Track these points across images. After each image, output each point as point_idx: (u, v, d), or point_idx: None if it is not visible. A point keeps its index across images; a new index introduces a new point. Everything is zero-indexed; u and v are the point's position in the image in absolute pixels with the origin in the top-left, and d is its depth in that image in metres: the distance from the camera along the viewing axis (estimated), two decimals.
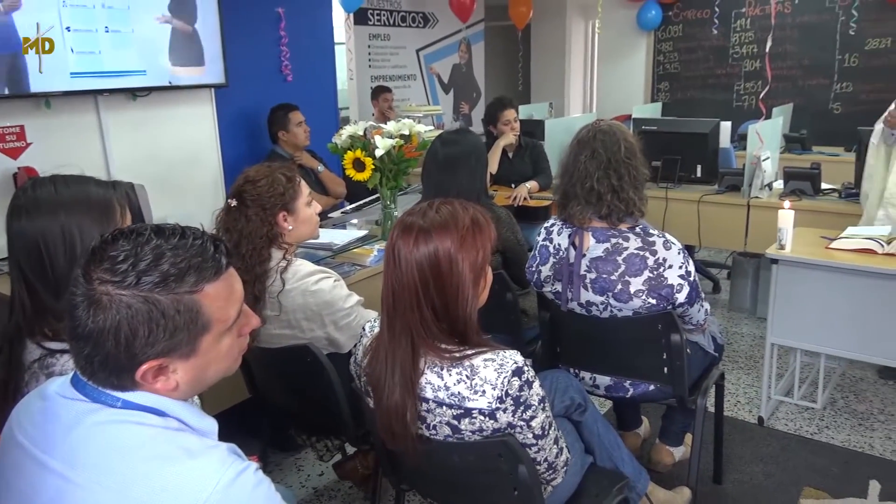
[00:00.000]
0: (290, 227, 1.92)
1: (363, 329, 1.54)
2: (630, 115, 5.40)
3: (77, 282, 0.87)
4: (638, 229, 1.98)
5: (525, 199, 3.85)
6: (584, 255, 2.00)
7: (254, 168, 1.96)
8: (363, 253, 2.75)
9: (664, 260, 1.93)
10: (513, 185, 3.98)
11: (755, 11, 6.19)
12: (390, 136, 2.86)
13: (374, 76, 6.15)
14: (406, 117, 3.26)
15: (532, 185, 3.93)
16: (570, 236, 2.04)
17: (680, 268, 1.93)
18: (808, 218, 3.25)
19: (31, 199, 1.31)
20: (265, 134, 3.83)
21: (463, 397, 1.34)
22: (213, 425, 0.94)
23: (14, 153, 2.89)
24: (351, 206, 3.78)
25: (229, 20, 3.51)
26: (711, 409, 2.40)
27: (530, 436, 1.38)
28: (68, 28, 2.85)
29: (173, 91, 3.40)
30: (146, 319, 0.85)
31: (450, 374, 1.35)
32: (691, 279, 1.96)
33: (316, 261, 2.60)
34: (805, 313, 2.64)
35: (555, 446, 1.46)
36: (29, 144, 2.92)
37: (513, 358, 1.34)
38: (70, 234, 1.28)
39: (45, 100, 2.92)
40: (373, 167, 2.83)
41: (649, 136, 4.06)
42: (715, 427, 2.44)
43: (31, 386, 1.22)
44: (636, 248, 1.94)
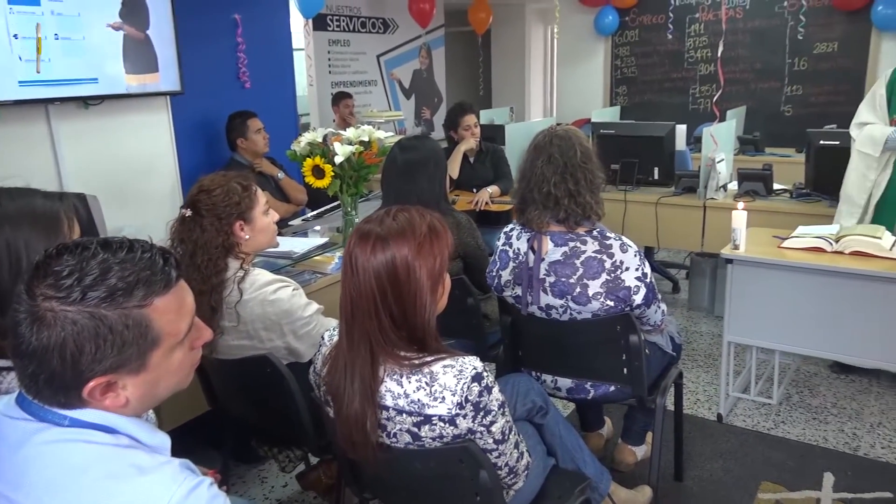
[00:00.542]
0: (246, 236, 1.90)
1: (322, 338, 1.53)
2: (589, 119, 5.48)
3: (20, 298, 0.85)
4: (595, 233, 2.01)
5: (487, 203, 3.87)
6: (543, 259, 2.02)
7: (208, 177, 1.93)
8: (324, 261, 2.74)
9: (621, 262, 1.96)
10: (474, 190, 4.00)
11: (708, 17, 6.33)
12: (350, 143, 2.85)
13: (334, 82, 6.13)
14: (367, 123, 3.26)
15: (493, 189, 3.95)
16: (528, 240, 2.06)
17: (636, 270, 1.97)
18: (761, 218, 3.34)
19: None
20: (224, 142, 3.78)
21: (423, 404, 1.34)
22: (165, 441, 0.93)
23: None
24: (312, 214, 3.75)
25: (184, 27, 3.46)
26: (671, 407, 2.45)
27: (491, 441, 1.39)
28: (16, 35, 2.78)
29: (127, 99, 3.34)
30: (93, 336, 0.83)
31: (409, 382, 1.35)
32: (648, 281, 1.99)
33: (276, 269, 2.58)
34: (759, 311, 2.70)
35: (515, 450, 1.47)
36: None
37: (472, 364, 1.35)
38: (15, 249, 1.25)
39: None
40: (332, 174, 2.82)
41: (607, 139, 4.13)
42: (675, 425, 2.48)
43: None
44: (594, 252, 1.97)
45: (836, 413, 2.91)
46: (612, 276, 1.96)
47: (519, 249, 2.08)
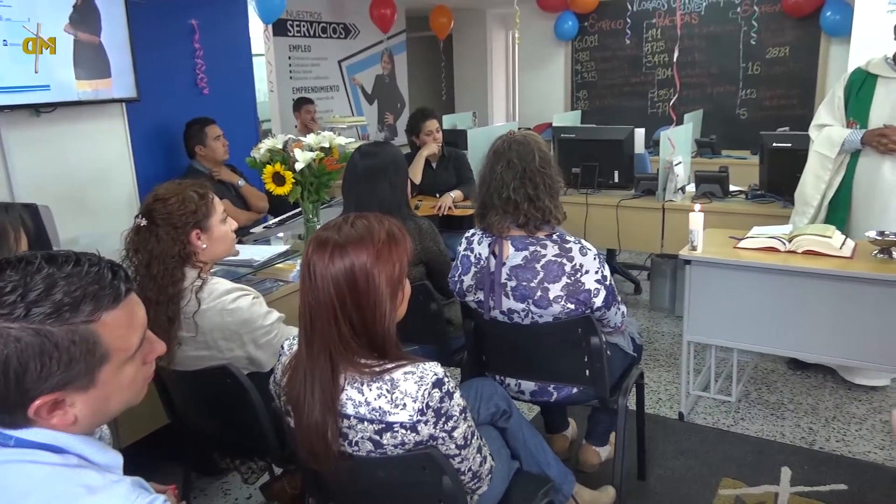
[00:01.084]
0: (203, 245, 1.87)
1: (282, 347, 1.52)
2: (551, 123, 5.54)
3: None
4: (555, 237, 2.03)
5: (450, 208, 3.88)
6: (504, 263, 2.03)
7: (164, 185, 1.90)
8: (286, 268, 2.71)
9: (581, 266, 1.98)
10: (437, 195, 4.01)
11: (664, 22, 6.46)
12: (310, 149, 2.83)
13: (295, 88, 6.08)
14: (330, 129, 3.24)
15: (456, 194, 3.97)
16: (490, 245, 2.07)
17: (596, 273, 1.99)
18: (718, 219, 3.41)
19: None
20: (182, 149, 3.72)
21: (384, 412, 1.33)
22: (117, 459, 0.91)
23: None
24: (274, 221, 3.71)
25: (139, 32, 3.40)
26: (634, 407, 2.48)
27: (453, 446, 1.39)
28: None
29: (80, 106, 3.26)
30: (38, 353, 0.81)
31: (370, 389, 1.34)
32: (607, 283, 2.02)
33: (236, 278, 2.55)
34: (717, 311, 2.76)
35: (478, 455, 1.47)
36: None
37: (433, 370, 1.35)
38: None
39: None
40: (293, 181, 2.80)
41: (568, 143, 4.18)
42: (637, 425, 2.51)
43: None
44: (554, 255, 1.99)
45: (793, 409, 2.99)
46: (573, 279, 1.98)
47: (480, 254, 2.09)
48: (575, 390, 2.14)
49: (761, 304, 2.67)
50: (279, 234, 3.33)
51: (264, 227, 3.64)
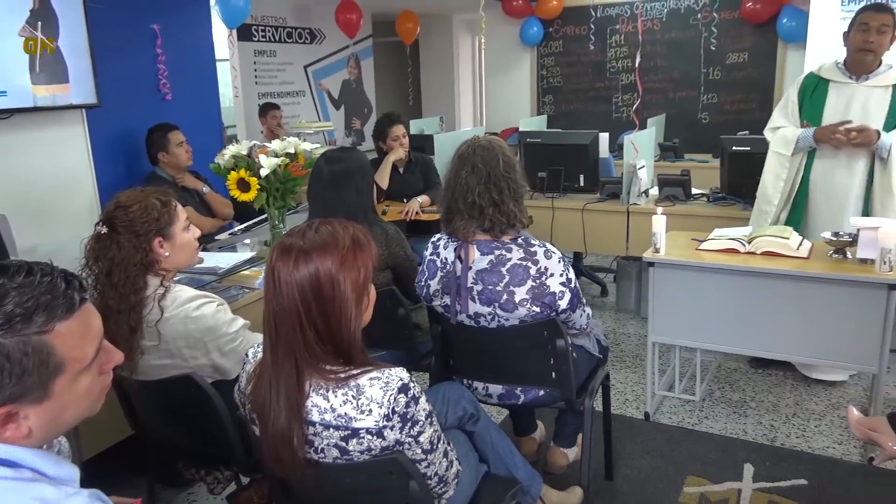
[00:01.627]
0: (166, 253, 1.85)
1: (246, 355, 1.51)
2: (517, 128, 5.58)
3: None
4: (520, 240, 2.04)
5: (417, 213, 3.89)
6: (471, 267, 2.04)
7: (125, 193, 1.88)
8: (252, 275, 2.69)
9: (546, 269, 2.00)
10: (405, 200, 4.01)
11: (627, 28, 6.56)
12: (276, 155, 2.81)
13: (261, 93, 6.04)
14: (296, 134, 3.24)
15: (423, 199, 3.97)
16: (455, 250, 2.08)
17: (561, 275, 2.01)
18: (680, 222, 3.47)
19: None
20: (144, 156, 3.66)
21: (350, 418, 1.33)
22: (73, 472, 0.89)
23: None
24: (239, 228, 3.68)
25: (99, 37, 3.34)
26: (601, 408, 2.51)
27: (419, 451, 1.40)
28: None
29: (38, 112, 3.19)
30: None
31: (335, 396, 1.34)
32: (572, 286, 2.04)
33: (201, 286, 2.51)
34: (681, 311, 2.81)
35: (444, 459, 1.48)
36: None
37: (398, 375, 1.35)
38: None
39: None
40: (258, 187, 2.77)
41: (534, 147, 4.22)
42: (604, 426, 2.54)
43: None
44: (519, 259, 2.01)
45: (755, 406, 3.05)
46: (538, 282, 1.99)
47: (446, 259, 2.10)
48: (542, 392, 2.16)
49: (723, 305, 2.72)
50: (245, 241, 3.30)
51: (230, 234, 3.60)
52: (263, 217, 3.39)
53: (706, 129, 6.31)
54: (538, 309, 2.01)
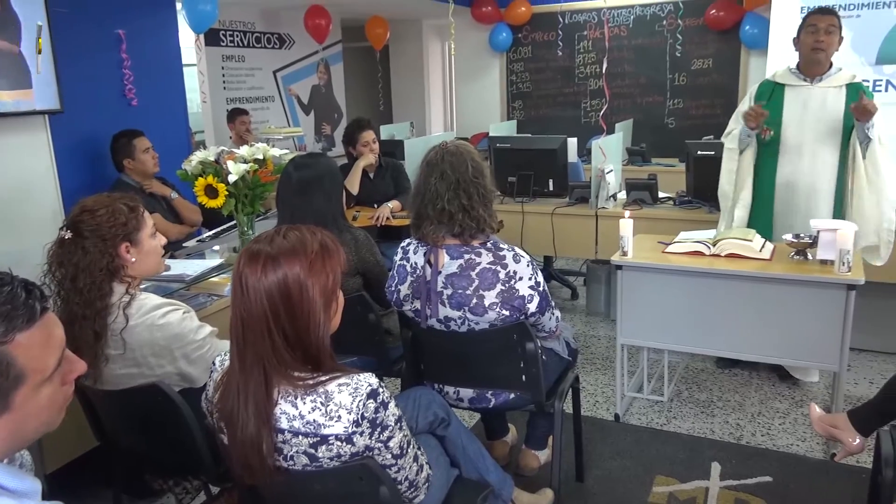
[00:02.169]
0: (133, 259, 1.83)
1: (213, 363, 1.50)
2: (487, 133, 5.61)
3: None
4: (489, 244, 2.06)
5: (388, 218, 3.89)
6: (440, 272, 2.05)
7: (91, 198, 1.85)
8: (220, 282, 2.66)
9: (515, 272, 2.02)
10: (375, 206, 4.01)
11: (595, 34, 6.64)
12: (244, 161, 2.79)
13: (229, 98, 5.98)
14: (266, 140, 3.21)
15: (394, 204, 3.97)
16: (425, 254, 2.08)
17: (529, 279, 2.03)
18: (647, 225, 3.53)
19: None
20: (110, 162, 3.60)
21: (319, 424, 1.33)
22: (34, 486, 0.87)
23: None
24: (208, 234, 3.64)
25: (62, 42, 3.28)
26: (571, 411, 2.54)
27: (389, 456, 1.40)
28: None
29: (0, 118, 3.12)
30: None
31: (304, 403, 1.33)
32: (541, 289, 2.06)
33: (169, 293, 2.48)
34: (648, 313, 2.85)
35: (414, 464, 1.48)
36: None
37: (367, 381, 1.35)
38: None
39: None
40: (226, 193, 2.75)
41: (504, 152, 4.25)
42: (574, 428, 2.57)
43: None
44: (488, 263, 2.02)
45: (722, 406, 3.11)
46: (507, 286, 2.01)
47: (416, 263, 2.11)
48: (512, 396, 2.17)
49: (689, 306, 2.77)
50: (214, 248, 3.27)
51: (198, 241, 3.56)
52: (232, 223, 3.35)
53: (672, 133, 6.41)
54: (507, 312, 2.02)
